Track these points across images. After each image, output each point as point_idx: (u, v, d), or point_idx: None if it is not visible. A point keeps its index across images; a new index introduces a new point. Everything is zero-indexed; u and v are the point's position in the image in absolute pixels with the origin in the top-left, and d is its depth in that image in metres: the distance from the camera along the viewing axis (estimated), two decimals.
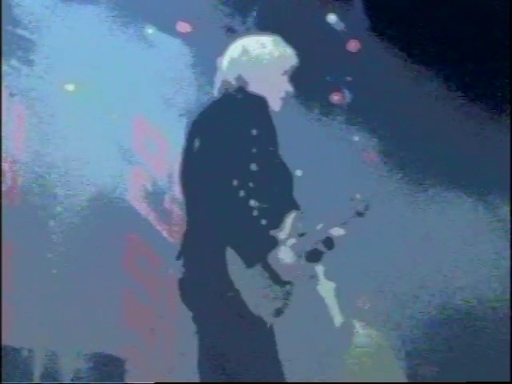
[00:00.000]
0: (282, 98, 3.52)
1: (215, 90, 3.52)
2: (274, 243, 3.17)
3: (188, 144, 3.39)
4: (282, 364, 3.23)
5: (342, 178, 6.27)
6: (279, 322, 3.27)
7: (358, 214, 3.47)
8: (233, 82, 3.45)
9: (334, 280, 3.99)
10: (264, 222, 3.16)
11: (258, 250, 3.16)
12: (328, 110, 6.80)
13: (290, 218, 3.28)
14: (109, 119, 6.35)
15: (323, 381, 5.80)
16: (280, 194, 3.31)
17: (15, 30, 6.16)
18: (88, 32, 6.22)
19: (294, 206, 3.37)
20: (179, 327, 6.22)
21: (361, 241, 3.46)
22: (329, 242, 3.44)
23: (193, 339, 3.52)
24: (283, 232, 3.23)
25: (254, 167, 3.21)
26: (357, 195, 3.50)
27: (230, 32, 6.30)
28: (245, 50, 3.49)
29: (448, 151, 6.26)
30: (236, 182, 3.13)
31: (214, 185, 3.17)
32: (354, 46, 6.78)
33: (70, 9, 6.24)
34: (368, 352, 6.22)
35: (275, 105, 3.48)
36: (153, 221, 6.67)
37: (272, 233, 3.19)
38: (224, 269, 3.14)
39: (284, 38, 3.69)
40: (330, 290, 6.10)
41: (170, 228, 6.70)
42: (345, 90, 7.11)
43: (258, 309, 3.15)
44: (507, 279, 6.17)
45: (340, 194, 5.99)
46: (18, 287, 5.65)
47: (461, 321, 6.36)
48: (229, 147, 3.21)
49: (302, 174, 4.48)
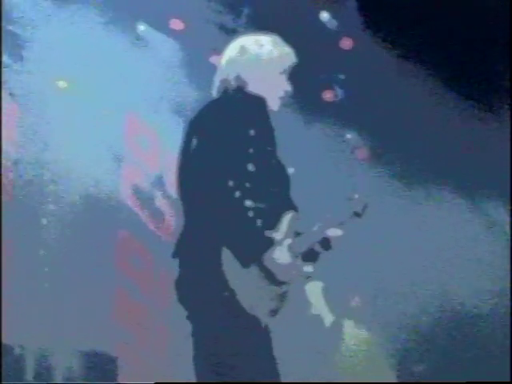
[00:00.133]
0: (281, 98, 3.51)
1: (214, 89, 3.50)
2: (270, 244, 3.17)
3: (185, 143, 3.37)
4: (277, 363, 3.23)
5: (334, 176, 6.28)
6: (273, 321, 3.26)
7: (356, 214, 3.47)
8: (232, 81, 3.44)
9: (327, 279, 3.99)
10: (260, 222, 3.15)
11: (254, 250, 3.16)
12: (320, 108, 6.81)
13: (287, 219, 3.28)
14: (101, 116, 6.33)
15: (316, 380, 5.81)
16: (277, 195, 3.31)
17: (6, 26, 6.13)
18: (80, 28, 6.20)
19: (290, 206, 3.36)
20: (172, 325, 6.21)
21: (353, 240, 3.44)
22: (325, 243, 3.44)
23: (185, 337, 3.51)
24: (279, 232, 3.23)
25: (251, 167, 3.20)
26: (355, 195, 3.49)
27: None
28: (243, 50, 3.48)
29: (442, 149, 6.27)
30: (232, 183, 3.12)
31: (210, 185, 3.16)
32: (347, 43, 6.79)
33: (61, 5, 6.22)
34: (360, 351, 6.23)
35: (274, 104, 3.47)
36: (145, 218, 6.67)
37: (268, 233, 3.18)
38: (219, 269, 3.13)
39: (276, 36, 3.68)
40: (317, 289, 6.12)
41: (162, 225, 6.70)
42: (337, 88, 7.13)
43: (253, 309, 3.14)
44: (506, 279, 6.18)
45: (332, 192, 6.01)
46: (9, 284, 5.63)
47: (456, 320, 6.37)
48: (226, 147, 3.20)
49: (294, 172, 4.49)
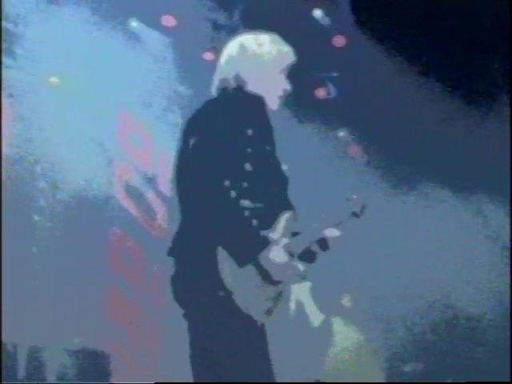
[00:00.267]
0: (280, 97, 3.48)
1: (213, 88, 3.48)
2: (266, 243, 3.15)
3: (183, 142, 3.35)
4: (272, 362, 3.23)
5: (327, 174, 6.28)
6: (267, 320, 3.26)
7: (354, 214, 3.45)
8: (231, 80, 3.41)
9: (319, 279, 3.98)
10: (255, 222, 3.14)
11: (250, 250, 3.14)
12: (313, 105, 6.81)
13: (283, 219, 3.27)
14: (93, 113, 6.32)
15: (306, 379, 5.83)
16: (274, 195, 3.28)
17: None
18: (72, 25, 6.18)
19: (287, 206, 3.34)
20: (164, 322, 6.22)
21: (347, 240, 3.43)
22: (323, 243, 3.42)
23: (178, 334, 3.51)
24: (276, 232, 3.22)
25: (248, 167, 3.19)
26: (353, 196, 3.47)
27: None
28: (243, 48, 3.44)
29: (435, 147, 6.26)
30: (228, 182, 3.10)
31: (206, 184, 3.14)
32: (339, 41, 6.79)
33: (53, 1, 6.20)
34: (350, 349, 6.24)
35: (273, 103, 3.43)
36: (137, 216, 6.67)
37: (263, 233, 3.17)
38: (215, 268, 3.12)
39: (269, 33, 3.66)
40: (305, 289, 6.13)
41: (154, 223, 6.70)
42: (330, 86, 7.13)
43: (248, 308, 3.13)
44: (506, 279, 6.19)
45: (325, 190, 6.02)
46: (2, 282, 5.62)
47: (455, 320, 6.39)
48: (224, 147, 3.18)
49: (287, 170, 4.49)
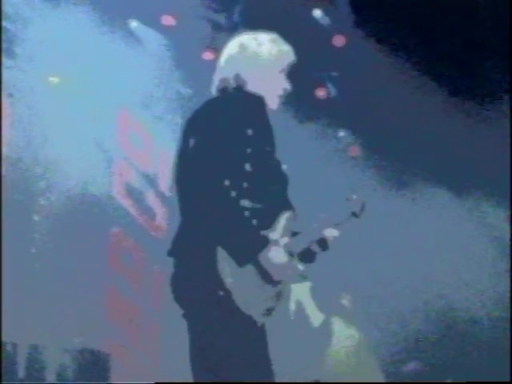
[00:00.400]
0: (280, 96, 3.48)
1: (213, 88, 3.47)
2: (266, 243, 3.15)
3: (183, 142, 3.35)
4: (272, 362, 3.23)
5: (328, 174, 6.29)
6: (267, 320, 3.26)
7: (354, 214, 3.46)
8: (231, 80, 3.40)
9: (317, 278, 3.97)
10: (255, 222, 3.14)
11: (249, 249, 3.14)
12: (313, 105, 6.82)
13: (283, 219, 3.27)
14: (93, 112, 6.32)
15: (305, 379, 5.83)
16: (274, 195, 3.28)
17: None
18: (72, 25, 6.17)
19: (287, 206, 3.34)
20: (163, 321, 6.22)
21: (346, 240, 3.43)
22: (323, 243, 3.42)
23: (177, 333, 3.51)
24: (276, 232, 3.22)
25: (248, 167, 3.18)
26: (353, 196, 3.47)
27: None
28: (243, 48, 3.44)
29: (435, 146, 6.27)
30: (228, 182, 3.10)
31: (206, 184, 3.14)
32: (339, 41, 6.79)
33: (53, 1, 6.20)
34: (349, 349, 6.24)
35: (273, 103, 3.43)
36: (137, 215, 6.66)
37: (263, 233, 3.17)
38: (215, 268, 3.12)
39: (269, 33, 3.66)
40: (305, 289, 6.12)
41: (154, 223, 6.70)
42: (330, 85, 7.13)
43: (248, 308, 3.13)
44: (506, 279, 6.19)
45: (325, 190, 6.02)
46: (1, 282, 5.62)
47: (453, 321, 6.39)
48: (224, 147, 3.17)
49: (287, 169, 4.48)
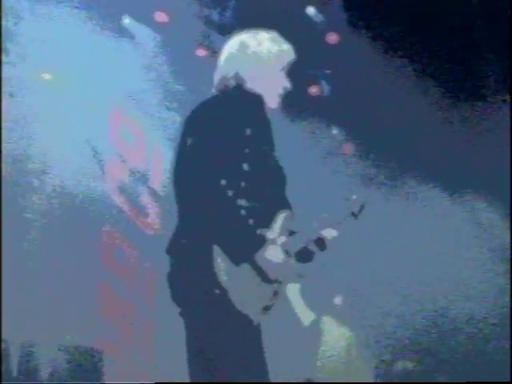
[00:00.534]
0: (280, 95, 3.48)
1: (213, 86, 3.47)
2: (262, 242, 3.17)
3: (181, 141, 3.35)
4: (267, 361, 3.24)
5: (320, 172, 6.29)
6: (263, 319, 3.27)
7: (353, 214, 3.47)
8: (230, 79, 3.41)
9: (309, 277, 3.98)
10: (252, 221, 3.15)
11: (245, 248, 3.16)
12: (306, 102, 6.80)
13: (281, 218, 3.28)
14: (85, 109, 6.30)
15: (300, 379, 5.84)
16: (272, 194, 3.30)
17: None
18: (65, 21, 6.16)
19: (285, 205, 3.35)
20: (157, 319, 6.22)
21: (341, 240, 3.44)
22: (320, 243, 3.43)
23: (171, 331, 3.51)
24: (273, 231, 3.23)
25: (246, 167, 3.20)
26: (353, 196, 3.49)
27: None
28: (243, 46, 3.44)
29: (431, 145, 6.26)
30: (224, 182, 3.12)
31: (204, 183, 3.15)
32: (332, 38, 6.79)
33: None
34: (341, 348, 6.25)
35: (273, 102, 3.44)
36: (129, 213, 6.65)
37: (260, 232, 3.18)
38: (211, 266, 3.13)
39: (262, 30, 3.65)
40: (295, 288, 6.12)
41: (146, 220, 6.69)
42: (323, 83, 7.13)
43: (244, 307, 3.15)
44: (506, 279, 6.20)
45: (318, 187, 6.04)
46: None
47: (452, 320, 6.40)
48: (222, 146, 3.18)
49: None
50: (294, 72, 3.74)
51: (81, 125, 6.27)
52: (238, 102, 3.37)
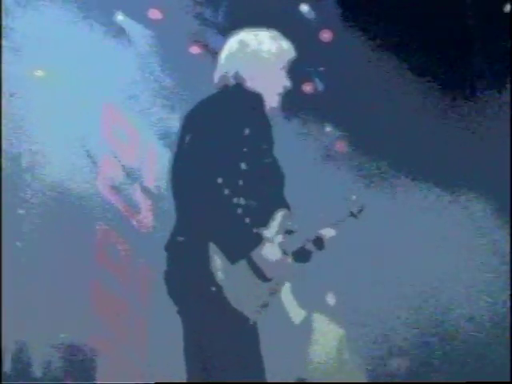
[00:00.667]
0: (280, 94, 3.47)
1: (206, 83, 3.46)
2: (259, 241, 3.16)
3: (180, 139, 3.34)
4: (263, 359, 3.23)
5: (313, 170, 6.29)
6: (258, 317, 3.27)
7: (352, 214, 3.46)
8: (231, 77, 3.40)
9: (307, 276, 3.98)
10: (248, 220, 3.15)
11: (242, 247, 3.16)
12: (300, 100, 6.79)
13: (278, 216, 3.28)
14: (78, 106, 6.28)
15: (292, 378, 5.84)
16: (270, 193, 3.29)
17: None
18: (58, 18, 6.14)
19: (283, 204, 3.34)
20: (150, 316, 6.22)
21: (338, 239, 3.43)
22: (318, 242, 3.43)
23: (165, 329, 3.51)
24: (270, 230, 3.23)
25: (244, 166, 3.19)
26: (353, 196, 3.48)
27: None
28: (243, 45, 3.43)
29: (427, 143, 6.26)
30: (221, 180, 3.11)
31: (201, 181, 3.14)
32: (326, 36, 6.79)
33: None
34: (332, 347, 6.26)
35: (273, 101, 3.42)
36: (123, 210, 6.64)
37: (257, 230, 3.18)
38: (208, 264, 3.13)
39: (255, 27, 3.65)
40: (286, 288, 6.13)
41: (139, 217, 6.68)
42: (317, 80, 7.13)
43: (240, 304, 3.14)
44: (506, 278, 6.20)
45: (312, 186, 6.04)
46: None
47: (451, 320, 6.40)
48: (221, 144, 3.17)
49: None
50: (287, 69, 3.73)
51: (73, 121, 6.25)
52: (237, 100, 3.36)
